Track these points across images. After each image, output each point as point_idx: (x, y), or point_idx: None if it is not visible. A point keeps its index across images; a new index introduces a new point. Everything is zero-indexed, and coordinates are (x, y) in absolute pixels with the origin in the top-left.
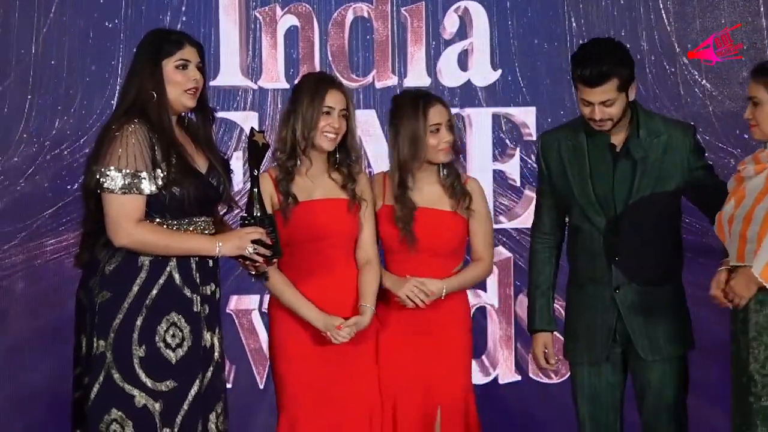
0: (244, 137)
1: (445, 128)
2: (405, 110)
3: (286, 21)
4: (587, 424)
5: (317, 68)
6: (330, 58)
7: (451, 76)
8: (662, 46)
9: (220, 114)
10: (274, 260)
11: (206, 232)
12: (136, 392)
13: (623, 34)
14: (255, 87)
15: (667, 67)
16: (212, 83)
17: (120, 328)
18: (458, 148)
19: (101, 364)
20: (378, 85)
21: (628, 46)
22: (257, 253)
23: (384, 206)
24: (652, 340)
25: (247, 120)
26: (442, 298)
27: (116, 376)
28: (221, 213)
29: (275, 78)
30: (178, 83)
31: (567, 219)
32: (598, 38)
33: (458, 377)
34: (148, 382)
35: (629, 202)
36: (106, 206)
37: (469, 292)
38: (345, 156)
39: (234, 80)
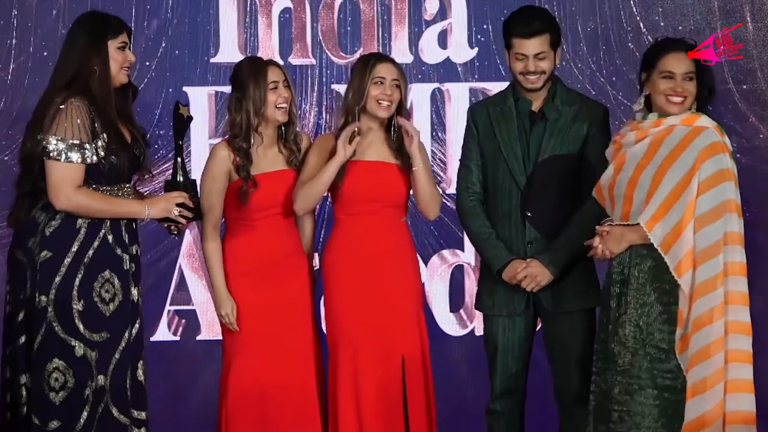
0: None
1: (388, 84)
2: (358, 64)
3: (281, 3)
4: (499, 371)
5: (309, 47)
6: (321, 38)
7: (431, 53)
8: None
9: (219, 88)
10: (195, 221)
11: (130, 196)
12: (75, 342)
13: (609, 23)
14: None
15: None
16: (212, 60)
17: (61, 284)
18: (405, 112)
19: (43, 318)
20: None
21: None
22: (181, 215)
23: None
24: (556, 293)
25: None
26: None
27: (57, 328)
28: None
29: (271, 55)
30: (118, 62)
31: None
32: (530, 5)
33: (415, 327)
34: (86, 334)
35: (538, 161)
36: (49, 172)
37: (446, 252)
38: (287, 126)
39: (232, 57)
